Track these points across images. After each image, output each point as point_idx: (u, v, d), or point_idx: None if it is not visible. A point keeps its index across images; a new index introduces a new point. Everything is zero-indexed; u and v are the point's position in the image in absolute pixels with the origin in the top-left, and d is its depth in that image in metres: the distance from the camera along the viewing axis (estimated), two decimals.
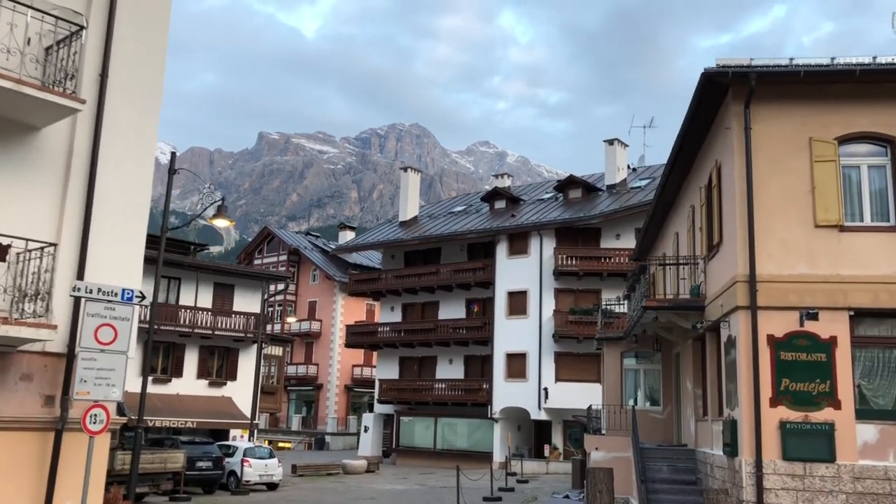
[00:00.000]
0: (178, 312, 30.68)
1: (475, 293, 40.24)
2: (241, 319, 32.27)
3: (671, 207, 21.16)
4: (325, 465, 33.61)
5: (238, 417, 31.35)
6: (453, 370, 40.64)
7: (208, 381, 31.99)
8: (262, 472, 26.13)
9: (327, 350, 57.70)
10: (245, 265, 55.98)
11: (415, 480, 30.59)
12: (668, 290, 18.44)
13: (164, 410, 29.12)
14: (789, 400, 12.80)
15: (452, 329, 39.88)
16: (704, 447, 16.43)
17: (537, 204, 41.18)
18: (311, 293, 60.16)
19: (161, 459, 21.12)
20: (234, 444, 27.61)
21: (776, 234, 13.31)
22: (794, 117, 13.66)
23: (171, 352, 31.27)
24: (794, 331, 12.98)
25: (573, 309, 35.50)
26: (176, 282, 31.51)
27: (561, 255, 35.95)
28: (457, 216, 44.02)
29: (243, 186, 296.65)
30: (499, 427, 37.36)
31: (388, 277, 43.00)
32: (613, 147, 40.55)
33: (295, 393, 59.22)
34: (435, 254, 42.69)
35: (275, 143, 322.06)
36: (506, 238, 38.60)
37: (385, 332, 42.57)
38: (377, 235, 46.65)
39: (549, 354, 36.27)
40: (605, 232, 37.10)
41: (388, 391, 41.75)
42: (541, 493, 25.37)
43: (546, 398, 35.71)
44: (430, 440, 40.18)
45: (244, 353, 32.99)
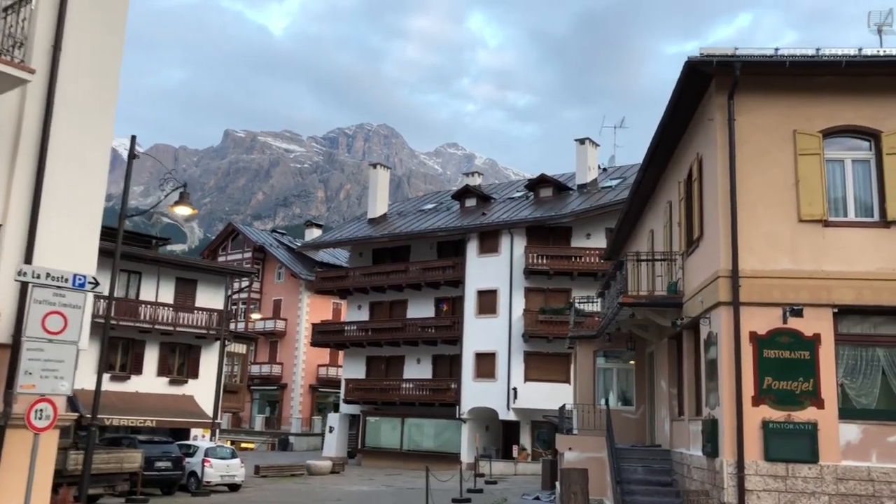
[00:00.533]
0: (138, 308, 29.68)
1: (444, 292, 39.70)
2: (204, 316, 31.34)
3: (646, 204, 20.82)
4: (290, 466, 32.81)
5: (199, 416, 30.43)
6: (421, 370, 40.06)
7: (169, 378, 31.00)
8: (223, 473, 25.30)
9: (292, 349, 56.73)
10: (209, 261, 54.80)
11: (381, 482, 29.95)
12: (643, 288, 18.08)
13: (122, 409, 28.12)
14: (772, 399, 12.44)
15: (421, 328, 39.30)
16: (680, 448, 16.06)
17: (508, 202, 40.77)
18: (276, 291, 59.13)
19: (117, 459, 20.21)
20: (194, 443, 26.72)
21: (759, 228, 12.96)
22: (779, 109, 13.33)
23: (131, 348, 30.23)
24: (778, 328, 12.63)
25: (543, 308, 35.13)
26: (136, 276, 30.49)
27: (532, 253, 35.57)
28: (427, 214, 43.45)
29: (208, 184, 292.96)
30: (467, 427, 36.85)
31: (355, 275, 42.27)
32: (584, 146, 40.30)
33: (258, 393, 58.12)
34: (404, 252, 42.07)
35: (241, 141, 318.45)
36: (476, 236, 38.13)
37: (352, 330, 41.84)
38: (345, 232, 45.89)
39: (518, 354, 35.86)
40: (576, 231, 36.80)
41: (354, 391, 41.02)
42: (510, 494, 24.90)
43: (515, 398, 35.29)
44: (397, 441, 39.53)
45: (206, 350, 32.05)
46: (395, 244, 42.14)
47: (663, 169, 18.13)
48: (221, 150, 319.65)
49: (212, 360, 31.65)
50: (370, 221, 45.40)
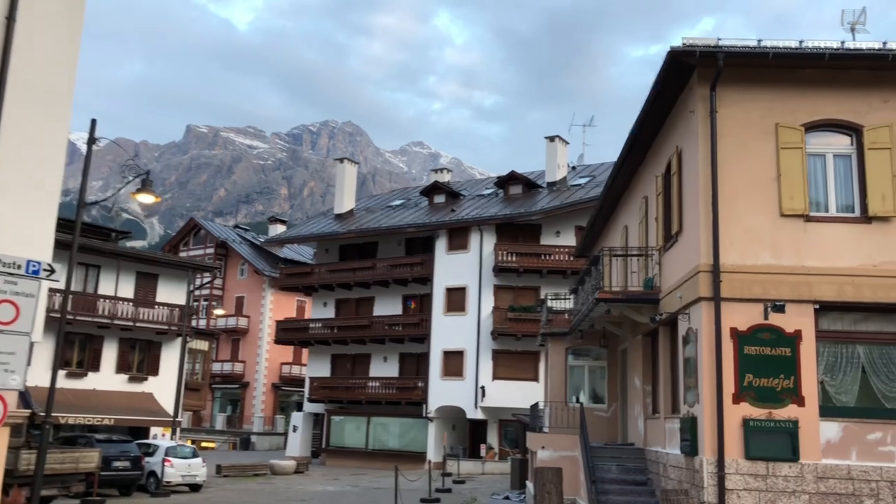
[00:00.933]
0: (97, 302, 28.73)
1: (412, 289, 39.22)
2: (165, 311, 30.46)
3: (620, 200, 20.61)
4: (252, 466, 32.08)
5: (159, 415, 29.57)
6: (388, 368, 39.54)
7: (128, 375, 30.09)
8: (184, 473, 24.55)
9: (255, 347, 55.79)
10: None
11: (347, 481, 29.38)
12: (617, 284, 17.85)
13: (79, 407, 27.17)
14: (752, 396, 12.22)
15: (388, 326, 38.77)
16: (655, 446, 15.82)
17: (477, 199, 40.44)
18: (239, 288, 58.11)
19: (72, 459, 19.37)
20: (154, 442, 25.90)
21: (740, 222, 12.74)
22: (761, 102, 13.12)
23: (88, 344, 29.25)
24: (759, 324, 12.42)
25: (512, 306, 34.84)
26: (95, 270, 29.51)
27: (501, 251, 35.25)
28: (395, 210, 42.93)
29: (169, 180, 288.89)
30: (433, 426, 36.42)
31: (321, 271, 41.59)
32: (554, 144, 40.11)
33: (220, 391, 57.05)
34: (371, 248, 41.51)
35: (203, 137, 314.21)
36: (445, 233, 37.71)
37: (317, 328, 41.14)
38: (311, 228, 45.14)
39: (486, 352, 35.53)
40: (546, 229, 36.58)
41: (318, 389, 40.34)
42: (479, 493, 24.54)
43: (483, 397, 34.95)
44: (362, 440, 38.97)
45: (167, 347, 31.17)
46: (362, 240, 41.56)
47: (639, 164, 17.90)
48: (183, 146, 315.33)
49: (173, 357, 30.78)
50: (337, 217, 44.72)
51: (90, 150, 13.76)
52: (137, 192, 13.95)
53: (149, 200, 14.10)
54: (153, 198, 14.08)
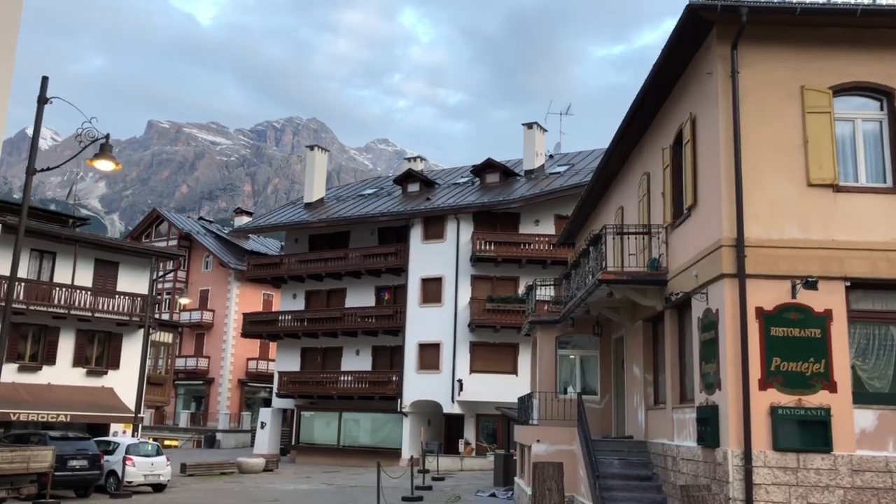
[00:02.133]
0: (52, 291, 26.91)
1: (386, 280, 37.87)
2: (126, 301, 28.73)
3: (615, 179, 19.52)
4: (219, 464, 30.48)
5: (120, 411, 27.85)
6: (360, 362, 38.14)
7: (86, 369, 28.30)
8: (147, 472, 22.94)
9: (220, 342, 53.91)
10: None
11: (320, 479, 27.96)
12: (612, 267, 16.77)
13: (32, 403, 25.39)
14: (780, 382, 11.18)
15: (361, 318, 37.35)
16: (660, 438, 14.74)
17: (453, 188, 39.19)
18: (204, 281, 56.13)
19: (22, 458, 17.68)
20: (115, 440, 24.23)
21: (764, 192, 11.69)
22: (785, 62, 12.08)
23: (43, 336, 27.42)
24: (786, 303, 11.38)
25: (491, 297, 33.68)
26: (50, 256, 27.68)
27: (479, 240, 34.05)
28: (367, 199, 41.50)
29: (130, 176, 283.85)
30: (408, 421, 35.13)
31: (290, 262, 40.01)
32: (532, 131, 39.02)
33: (183, 388, 55.05)
34: (343, 238, 40.05)
35: (165, 132, 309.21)
36: (420, 222, 36.40)
37: (286, 320, 39.56)
38: (279, 217, 43.48)
39: (464, 344, 34.32)
40: (525, 218, 35.48)
41: (288, 384, 38.80)
42: (462, 491, 23.32)
43: (460, 391, 33.74)
44: (333, 436, 37.54)
45: (128, 339, 29.44)
46: (333, 230, 40.08)
47: (639, 138, 16.83)
48: (144, 142, 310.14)
49: (134, 350, 29.04)
50: (306, 206, 43.16)
51: (41, 109, 12.24)
52: (95, 157, 12.45)
53: (108, 167, 12.60)
54: (112, 164, 12.57)
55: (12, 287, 13.33)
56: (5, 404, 24.30)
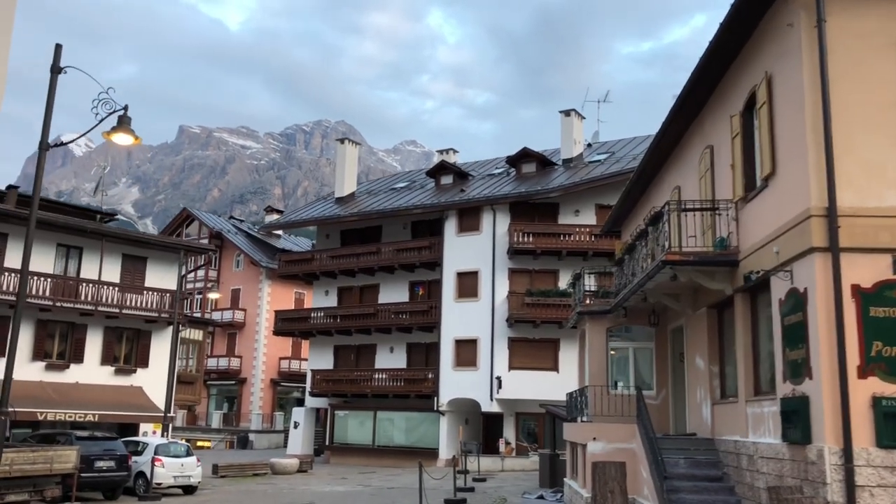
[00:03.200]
0: (79, 287, 26.12)
1: (420, 275, 36.72)
2: (155, 297, 27.88)
3: (669, 157, 18.17)
4: (251, 465, 29.53)
5: (149, 410, 27.00)
6: (395, 359, 37.02)
7: (115, 368, 27.51)
8: (177, 473, 22.01)
9: (252, 341, 53.18)
10: None
11: (356, 481, 26.87)
12: (642, 266, 15.47)
13: (59, 402, 24.60)
14: (882, 369, 9.82)
15: (394, 314, 36.23)
16: (732, 435, 13.37)
17: (488, 179, 37.93)
18: (235, 280, 55.47)
19: (45, 459, 16.77)
20: (143, 440, 23.34)
21: (857, 155, 10.34)
22: (877, 10, 10.72)
23: (70, 333, 26.65)
24: (887, 279, 10.05)
25: (530, 290, 32.35)
26: (77, 251, 26.92)
27: (517, 231, 32.74)
28: (399, 192, 40.39)
29: (162, 181, 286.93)
30: (445, 420, 33.93)
31: (322, 258, 39.03)
32: (570, 119, 37.61)
33: (215, 388, 54.44)
34: (375, 232, 38.98)
35: (196, 137, 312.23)
36: (455, 214, 35.20)
37: (319, 317, 38.59)
38: (311, 212, 42.55)
39: (502, 340, 33.04)
40: (564, 208, 34.11)
41: (321, 383, 37.82)
42: (507, 493, 22.05)
43: (499, 388, 32.46)
44: (368, 436, 36.45)
45: (157, 336, 28.61)
46: (365, 224, 39.04)
47: (699, 109, 15.47)
48: (176, 146, 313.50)
49: (164, 348, 28.16)
50: (337, 201, 42.17)
51: (55, 79, 11.24)
52: (112, 131, 11.42)
53: (126, 141, 11.55)
54: (132, 138, 11.53)
55: (25, 280, 12.33)
56: (32, 403, 23.56)
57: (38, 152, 11.33)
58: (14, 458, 15.95)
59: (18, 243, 25.30)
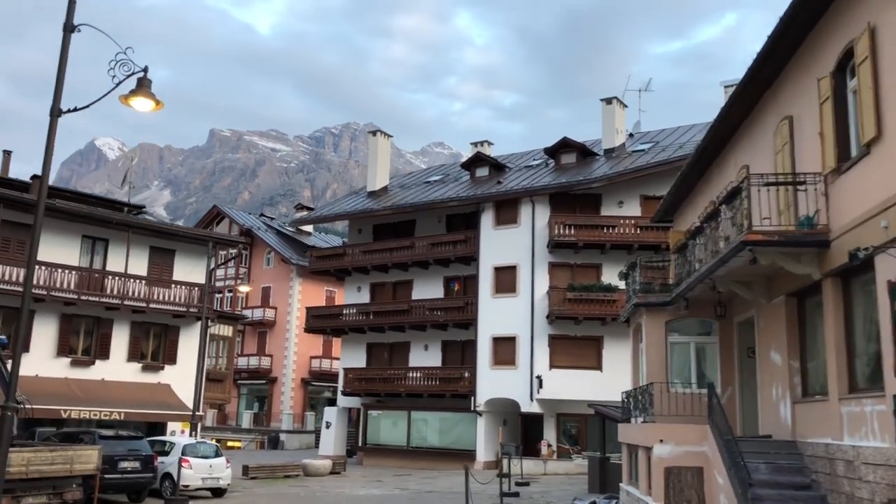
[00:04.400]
0: (105, 280, 25.18)
1: (455, 270, 35.41)
2: (183, 291, 26.88)
3: (733, 136, 16.67)
4: (283, 466, 28.41)
5: (177, 408, 25.97)
6: (429, 357, 35.74)
7: (141, 364, 26.55)
8: (205, 475, 20.90)
9: (282, 340, 52.24)
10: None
11: (392, 484, 25.61)
12: (712, 250, 13.99)
13: (85, 399, 23.64)
14: None
15: (429, 310, 34.95)
16: (821, 437, 11.86)
17: (525, 171, 36.51)
18: (265, 278, 54.61)
19: (65, 459, 15.66)
20: (170, 439, 22.29)
21: None
22: None
23: (96, 329, 25.72)
24: None
25: (572, 285, 30.87)
26: (102, 243, 25.99)
27: (557, 223, 31.29)
28: (433, 185, 39.13)
29: (194, 183, 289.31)
30: (483, 421, 32.56)
31: (354, 253, 37.88)
32: (612, 107, 36.06)
33: (246, 387, 53.59)
34: (408, 227, 37.74)
35: (226, 141, 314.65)
36: (492, 206, 33.84)
37: (351, 314, 37.43)
38: (342, 205, 41.46)
39: (542, 338, 31.61)
40: (607, 199, 32.60)
41: (353, 381, 36.65)
42: (555, 498, 20.66)
43: (540, 388, 31.01)
44: (402, 437, 35.19)
45: (186, 332, 27.61)
46: (398, 218, 37.83)
47: (774, 77, 13.97)
48: (207, 150, 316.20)
49: (192, 344, 27.08)
50: (370, 195, 41.01)
51: (67, 37, 10.11)
52: (131, 94, 10.25)
53: (146, 106, 10.38)
54: (152, 103, 10.36)
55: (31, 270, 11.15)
56: (56, 401, 22.63)
57: (50, 119, 10.20)
58: (31, 458, 14.90)
59: (44, 235, 24.34)
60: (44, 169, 10.15)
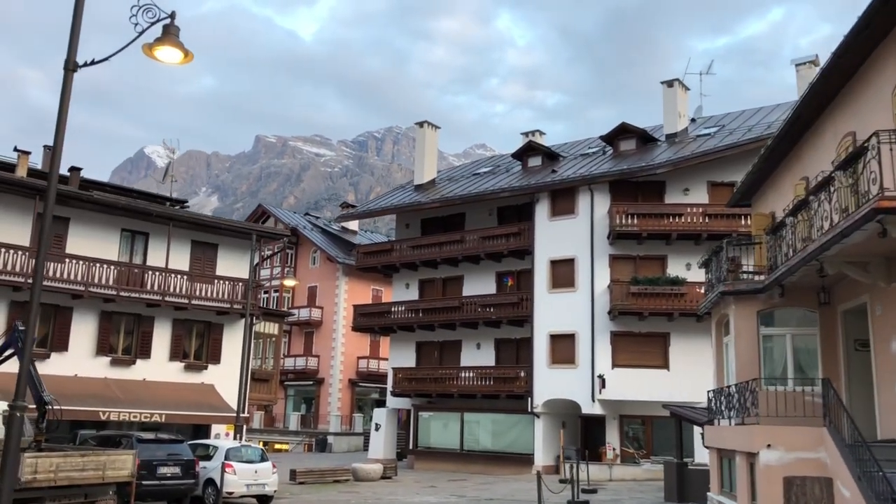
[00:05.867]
0: (145, 276, 24.04)
1: (508, 264, 33.71)
2: (227, 287, 25.65)
3: (834, 100, 14.70)
4: (332, 471, 27.01)
5: (222, 410, 24.72)
6: (482, 356, 34.07)
7: (184, 364, 25.40)
8: (250, 481, 19.54)
9: (329, 340, 51.04)
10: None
11: (447, 490, 24.00)
12: (822, 226, 12.09)
13: (124, 401, 22.49)
14: None
15: (481, 307, 33.26)
16: None
17: (581, 159, 34.64)
18: (311, 277, 53.52)
19: (96, 465, 14.36)
20: (212, 443, 20.99)
21: None
22: None
23: (136, 326, 24.61)
24: None
25: (636, 278, 28.93)
26: (142, 237, 24.90)
27: (619, 213, 29.37)
28: (482, 177, 37.48)
29: (241, 189, 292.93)
30: (541, 423, 30.77)
31: (402, 248, 36.41)
32: (673, 89, 34.00)
33: (293, 388, 52.56)
34: (458, 220, 36.16)
35: (272, 146, 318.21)
36: (547, 196, 32.06)
37: (399, 311, 35.96)
38: (390, 199, 40.04)
39: (603, 335, 29.71)
40: (671, 186, 30.60)
41: (402, 382, 35.16)
42: None
43: (602, 388, 29.12)
44: (454, 440, 33.56)
45: (230, 329, 26.40)
46: (447, 211, 36.27)
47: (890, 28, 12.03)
48: (253, 156, 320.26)
49: (236, 343, 25.86)
50: (417, 188, 39.52)
51: None
52: (156, 43, 8.82)
53: (174, 57, 8.94)
54: (180, 53, 8.91)
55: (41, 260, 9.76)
56: (95, 402, 21.54)
57: (64, 73, 8.82)
58: (60, 464, 13.62)
59: (82, 229, 23.45)
60: (57, 130, 8.75)
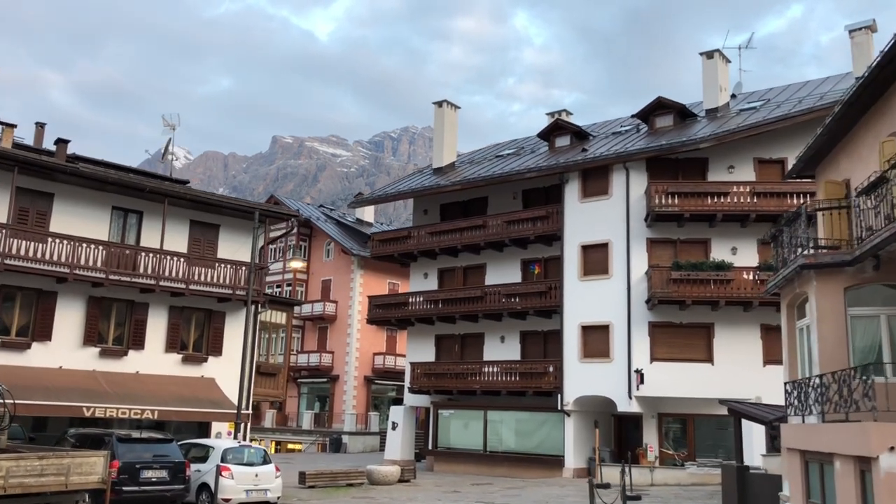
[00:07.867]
0: (138, 258, 21.77)
1: (534, 251, 31.26)
2: (228, 271, 23.36)
3: None
4: (345, 473, 24.65)
5: (223, 406, 22.41)
6: (506, 350, 31.62)
7: (182, 355, 23.09)
8: (250, 486, 17.27)
9: (344, 336, 48.79)
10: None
11: (472, 496, 21.55)
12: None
13: (113, 395, 20.22)
14: None
15: (505, 297, 30.78)
16: None
17: (613, 137, 32.12)
18: (325, 270, 51.33)
19: (57, 469, 12.01)
20: (207, 442, 18.70)
21: None
22: None
23: (129, 314, 22.33)
24: None
25: (678, 263, 26.38)
26: (135, 216, 22.62)
27: (658, 192, 26.83)
28: (506, 159, 35.04)
29: (258, 189, 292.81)
30: (571, 422, 28.29)
31: (420, 235, 34.03)
32: (713, 61, 31.42)
33: (306, 386, 50.39)
34: (479, 205, 33.74)
35: (288, 147, 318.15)
36: (578, 176, 29.56)
37: (418, 302, 33.57)
38: (407, 183, 37.68)
39: (641, 326, 27.18)
40: (714, 164, 28.04)
41: (421, 377, 32.77)
42: None
43: (640, 383, 26.60)
44: (477, 440, 31.12)
45: (232, 318, 24.11)
46: (468, 196, 33.88)
47: None
48: (269, 156, 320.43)
49: (240, 332, 23.53)
50: (436, 171, 37.15)
51: None
52: None
53: None
54: None
55: None
56: (79, 396, 19.30)
57: None
58: (11, 469, 11.33)
59: (68, 205, 21.25)
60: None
